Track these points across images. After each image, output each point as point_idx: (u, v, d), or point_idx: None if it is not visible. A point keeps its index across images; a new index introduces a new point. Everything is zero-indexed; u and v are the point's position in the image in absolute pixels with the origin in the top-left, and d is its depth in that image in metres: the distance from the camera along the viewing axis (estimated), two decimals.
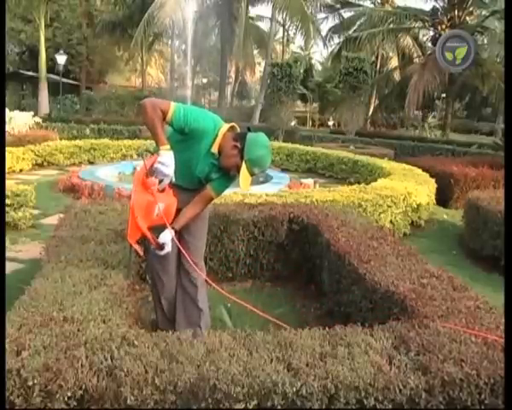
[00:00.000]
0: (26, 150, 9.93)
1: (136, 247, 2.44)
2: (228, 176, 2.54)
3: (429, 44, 20.83)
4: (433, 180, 7.02)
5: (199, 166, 2.50)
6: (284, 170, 10.66)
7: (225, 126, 2.50)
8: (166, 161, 2.32)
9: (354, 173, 9.73)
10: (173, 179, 2.40)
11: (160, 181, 2.36)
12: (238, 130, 2.56)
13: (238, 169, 2.41)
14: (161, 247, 2.43)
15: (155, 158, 2.35)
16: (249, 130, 2.50)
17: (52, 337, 1.70)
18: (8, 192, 5.16)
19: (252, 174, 2.43)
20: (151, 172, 2.33)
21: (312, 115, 34.95)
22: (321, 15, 25.62)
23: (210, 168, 2.51)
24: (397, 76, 23.77)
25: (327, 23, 51.45)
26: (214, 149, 2.45)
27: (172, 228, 2.47)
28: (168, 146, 2.35)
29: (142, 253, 2.65)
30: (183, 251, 2.57)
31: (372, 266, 2.75)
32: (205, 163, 2.50)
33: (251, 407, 1.54)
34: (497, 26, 18.67)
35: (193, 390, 1.55)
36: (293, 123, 22.24)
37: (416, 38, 22.96)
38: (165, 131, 2.45)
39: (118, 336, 1.76)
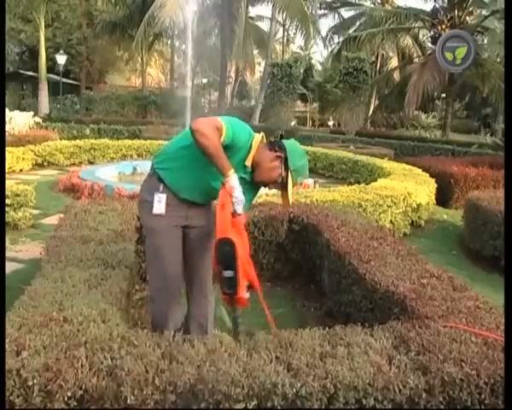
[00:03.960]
0: (26, 150, 9.93)
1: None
2: (254, 189, 2.34)
3: (429, 44, 20.83)
4: (433, 180, 7.02)
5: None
6: None
7: (257, 137, 2.25)
8: (238, 185, 2.05)
9: (354, 173, 9.73)
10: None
11: (234, 212, 2.06)
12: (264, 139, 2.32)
13: (284, 181, 2.19)
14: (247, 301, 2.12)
15: (229, 190, 2.03)
16: (282, 137, 2.28)
17: (52, 337, 1.70)
18: (8, 192, 5.15)
19: (294, 185, 2.22)
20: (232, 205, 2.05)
21: (312, 115, 35.00)
22: (321, 13, 25.74)
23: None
24: (397, 76, 23.77)
25: (327, 20, 51.68)
26: (248, 163, 2.22)
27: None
28: (233, 169, 2.07)
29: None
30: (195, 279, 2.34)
31: (372, 266, 2.75)
32: None
33: (251, 408, 1.54)
34: (497, 26, 18.65)
35: (193, 391, 1.55)
36: (293, 123, 22.28)
37: (416, 38, 22.96)
38: (186, 145, 2.16)
39: (118, 336, 1.76)
